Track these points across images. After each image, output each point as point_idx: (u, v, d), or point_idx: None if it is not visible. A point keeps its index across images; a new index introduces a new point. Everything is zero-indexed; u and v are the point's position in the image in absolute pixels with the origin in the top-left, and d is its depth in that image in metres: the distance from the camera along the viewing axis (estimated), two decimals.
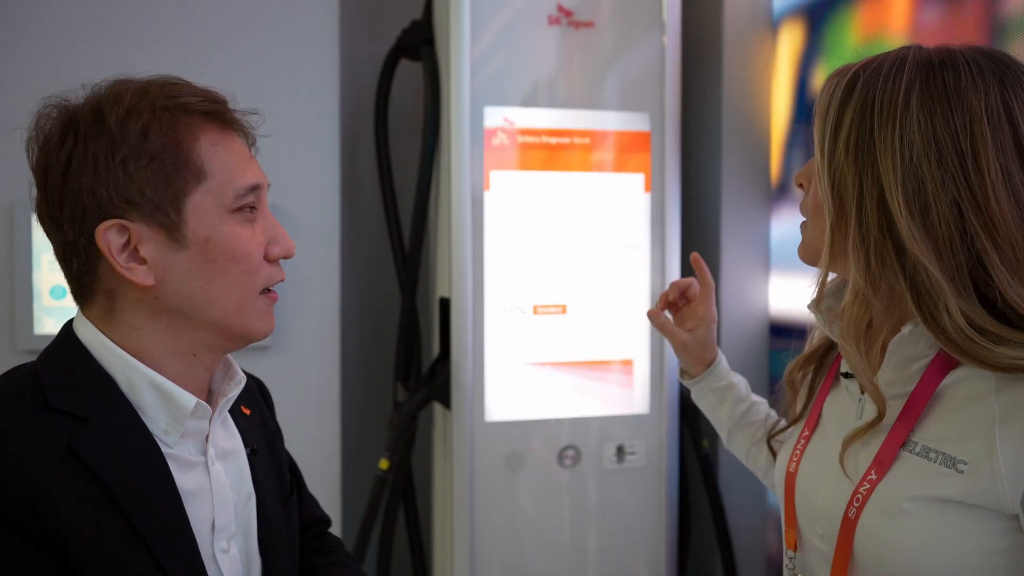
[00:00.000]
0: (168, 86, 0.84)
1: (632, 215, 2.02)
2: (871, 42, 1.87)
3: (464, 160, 1.92)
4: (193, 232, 0.82)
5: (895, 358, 0.87)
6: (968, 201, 0.79)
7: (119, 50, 1.92)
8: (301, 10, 2.03)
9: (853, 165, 0.83)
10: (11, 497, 0.72)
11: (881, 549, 0.84)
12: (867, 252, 0.83)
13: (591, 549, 2.04)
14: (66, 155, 0.80)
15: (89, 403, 0.79)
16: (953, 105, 0.81)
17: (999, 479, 0.77)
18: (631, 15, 1.99)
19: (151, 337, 0.83)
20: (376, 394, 2.39)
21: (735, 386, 1.26)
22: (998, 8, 1.51)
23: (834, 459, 0.92)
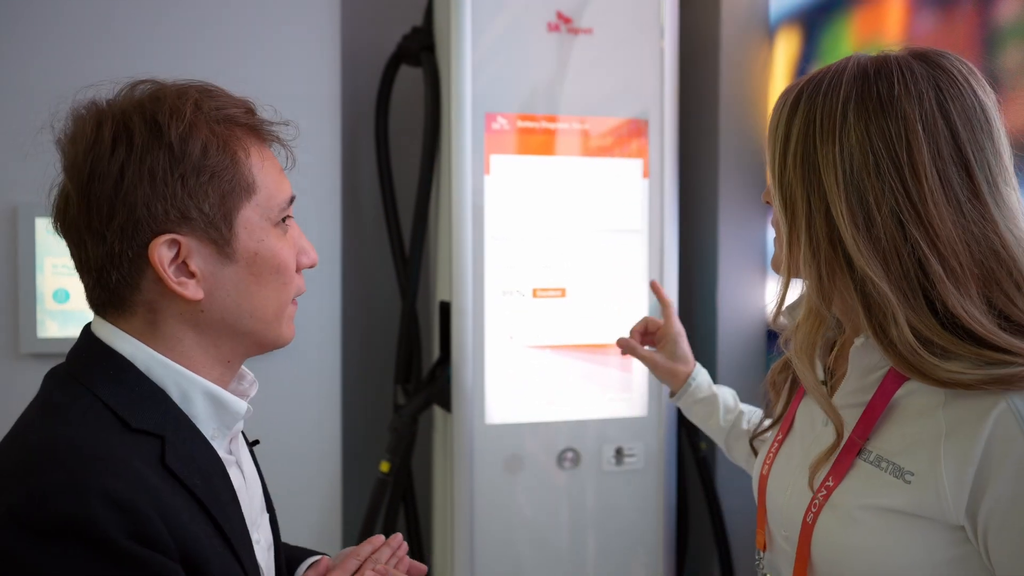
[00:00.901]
0: (213, 97, 0.83)
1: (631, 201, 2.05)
2: (866, 48, 1.89)
3: (465, 161, 1.94)
4: (243, 246, 0.82)
5: (854, 368, 0.90)
6: (908, 211, 0.80)
7: (118, 52, 1.94)
8: (303, 17, 2.04)
9: (800, 182, 0.84)
10: (149, 518, 0.72)
11: (836, 554, 0.86)
12: (818, 267, 0.84)
13: (590, 551, 2.05)
14: (118, 165, 0.78)
15: (158, 419, 0.79)
16: (888, 114, 0.81)
17: (942, 492, 0.78)
18: (629, 22, 2.02)
19: (193, 347, 0.83)
20: (376, 397, 2.40)
21: (719, 396, 1.29)
22: (991, 14, 1.53)
23: (800, 463, 0.94)
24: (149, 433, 0.78)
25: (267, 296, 0.84)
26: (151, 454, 0.76)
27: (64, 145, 0.82)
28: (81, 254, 0.81)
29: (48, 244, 1.92)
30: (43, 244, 1.92)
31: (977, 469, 0.77)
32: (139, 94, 0.83)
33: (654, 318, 1.41)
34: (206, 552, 0.76)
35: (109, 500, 0.70)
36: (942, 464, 0.79)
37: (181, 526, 0.74)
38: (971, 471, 0.77)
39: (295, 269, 0.87)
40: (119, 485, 0.71)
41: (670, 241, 2.07)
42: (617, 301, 2.05)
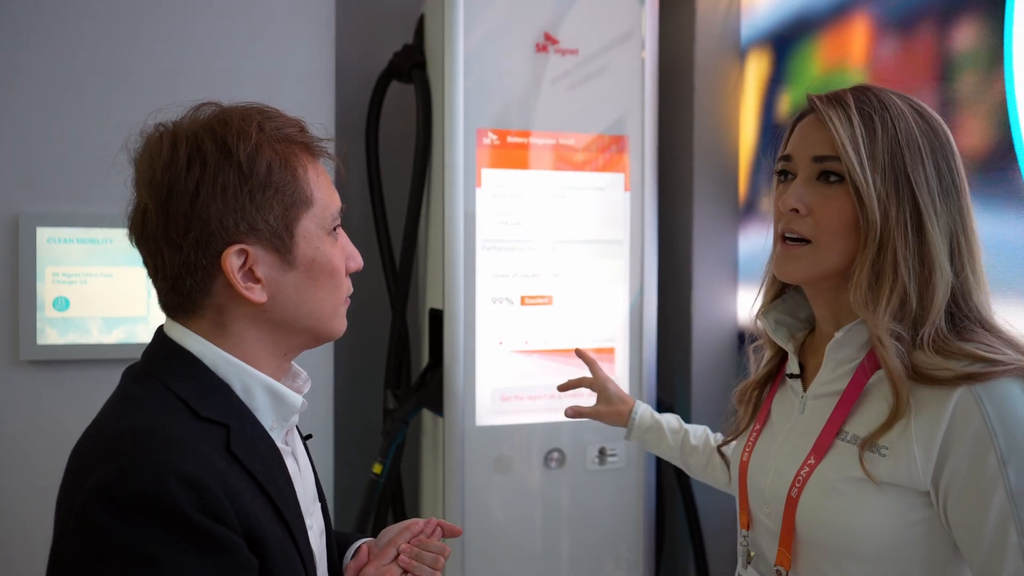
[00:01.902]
0: (272, 118, 0.91)
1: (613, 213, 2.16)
2: (832, 72, 2.03)
3: (458, 174, 2.03)
4: (302, 253, 0.90)
5: (829, 360, 1.02)
6: (959, 224, 0.96)
7: (115, 66, 1.99)
8: (299, 33, 2.12)
9: (894, 192, 0.94)
10: (217, 496, 0.79)
11: (818, 523, 0.98)
12: (907, 266, 0.94)
13: (574, 548, 2.15)
14: (193, 183, 0.85)
15: (224, 410, 0.87)
16: (945, 147, 0.98)
17: (913, 463, 0.91)
18: (612, 43, 2.13)
19: (255, 344, 0.91)
20: (367, 402, 2.47)
21: (663, 422, 1.42)
22: (947, 43, 1.67)
23: (781, 447, 1.07)
24: (216, 422, 0.85)
25: (323, 298, 0.92)
26: (217, 441, 0.84)
27: (139, 164, 0.89)
28: (157, 263, 0.88)
29: (49, 253, 1.96)
30: (44, 253, 1.96)
31: (941, 442, 0.90)
32: (204, 115, 0.90)
33: (587, 377, 1.52)
34: (264, 531, 0.83)
35: (182, 479, 0.78)
36: (913, 438, 0.91)
37: (243, 505, 0.82)
38: (936, 444, 0.90)
39: (345, 273, 0.95)
40: (191, 466, 0.79)
41: (650, 251, 2.18)
42: (601, 308, 2.15)
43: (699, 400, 2.36)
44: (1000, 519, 0.87)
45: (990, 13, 1.54)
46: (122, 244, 1.98)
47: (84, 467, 0.81)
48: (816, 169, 0.99)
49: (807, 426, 1.03)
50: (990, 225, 1.51)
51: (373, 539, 1.11)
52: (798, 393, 1.08)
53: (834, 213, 0.97)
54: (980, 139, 1.57)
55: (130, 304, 2.02)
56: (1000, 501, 0.87)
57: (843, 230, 0.97)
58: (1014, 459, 0.87)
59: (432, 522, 1.10)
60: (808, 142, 1.01)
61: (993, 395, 0.88)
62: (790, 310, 1.12)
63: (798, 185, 1.00)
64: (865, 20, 1.90)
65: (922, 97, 1.70)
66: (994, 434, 0.87)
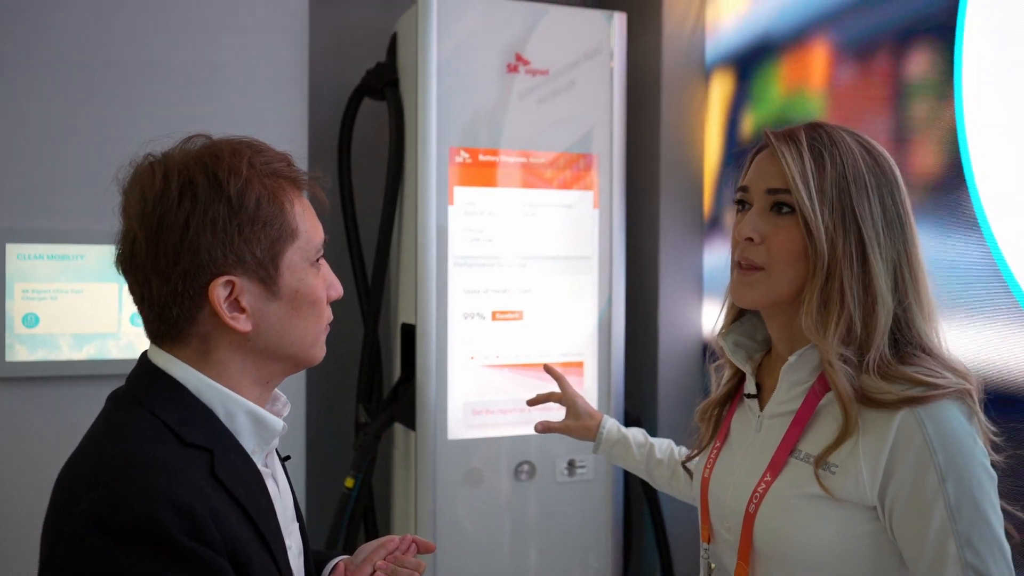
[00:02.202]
0: (261, 152, 0.93)
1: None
2: (793, 94, 2.10)
3: (430, 192, 2.06)
4: (286, 284, 0.93)
5: (784, 382, 1.08)
6: (903, 254, 1.02)
7: (91, 86, 1.99)
8: (272, 50, 2.13)
9: (840, 226, 1.00)
10: (204, 520, 0.81)
11: (774, 536, 1.03)
12: (852, 296, 1.00)
13: (543, 559, 2.18)
14: (184, 216, 0.87)
15: (208, 435, 0.89)
16: (891, 182, 1.04)
17: (861, 479, 0.97)
18: (581, 65, 2.18)
19: (239, 372, 0.93)
20: (339, 416, 2.49)
21: (630, 436, 1.46)
22: (901, 71, 1.74)
23: (740, 464, 1.12)
24: (200, 447, 0.88)
25: (305, 327, 0.95)
26: (202, 466, 0.87)
27: (129, 194, 0.91)
28: (144, 291, 0.90)
29: (18, 269, 1.95)
30: (13, 269, 1.95)
31: (886, 460, 0.96)
32: (193, 147, 0.92)
33: (556, 392, 1.54)
34: (248, 553, 0.86)
35: (172, 504, 0.80)
36: (860, 457, 0.97)
37: (229, 529, 0.84)
38: (882, 462, 0.96)
39: (326, 302, 0.98)
40: (180, 491, 0.81)
41: (618, 266, 2.23)
42: (570, 323, 2.20)
43: (665, 412, 2.41)
44: (940, 532, 0.93)
45: (942, 42, 1.61)
46: (93, 260, 2.00)
47: (74, 492, 0.83)
48: (769, 201, 1.05)
49: (764, 444, 1.09)
50: (942, 246, 1.58)
51: (350, 556, 1.13)
52: (755, 412, 1.13)
53: (785, 242, 1.03)
54: (932, 164, 1.64)
55: (101, 320, 2.02)
56: (940, 515, 0.93)
57: (793, 258, 1.03)
58: (952, 476, 0.93)
59: (407, 538, 1.13)
60: (763, 175, 1.06)
61: (933, 416, 0.95)
62: (748, 332, 1.18)
63: (753, 215, 1.06)
64: (825, 45, 1.97)
65: (877, 122, 1.78)
66: (934, 452, 0.93)
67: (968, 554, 0.92)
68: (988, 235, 1.49)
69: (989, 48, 1.52)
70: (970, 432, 0.96)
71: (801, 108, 2.05)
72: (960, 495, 0.93)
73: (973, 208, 1.52)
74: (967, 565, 0.92)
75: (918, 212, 1.62)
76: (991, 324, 1.48)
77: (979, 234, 1.51)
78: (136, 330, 2.03)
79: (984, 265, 1.49)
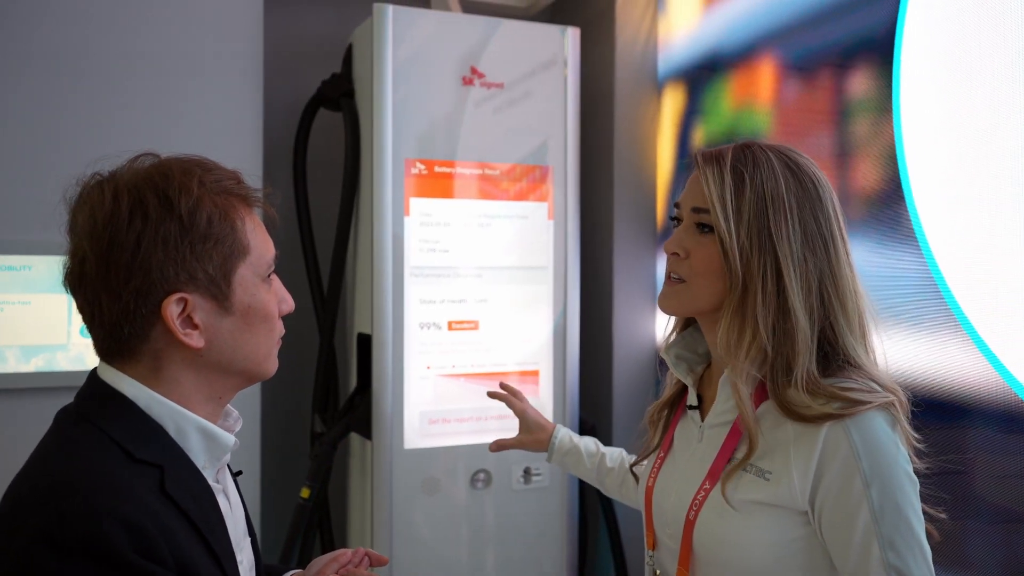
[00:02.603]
0: (210, 171, 0.94)
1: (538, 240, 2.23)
2: (742, 108, 2.15)
3: (386, 204, 2.08)
4: (239, 300, 0.93)
5: (723, 393, 1.12)
6: (828, 275, 1.05)
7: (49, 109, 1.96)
8: (227, 59, 2.13)
9: (756, 246, 1.04)
10: (153, 537, 0.81)
11: (712, 542, 1.08)
12: (765, 313, 1.04)
13: (500, 565, 2.20)
14: (135, 235, 0.87)
15: (158, 452, 0.89)
16: (816, 203, 1.07)
17: (793, 485, 1.01)
18: (536, 78, 2.21)
19: (191, 388, 0.93)
20: (294, 426, 2.48)
21: (581, 446, 1.50)
22: (844, 88, 1.80)
23: (682, 474, 1.16)
24: (150, 463, 0.88)
25: (258, 342, 0.96)
26: (152, 482, 0.87)
27: (78, 214, 0.91)
28: (95, 310, 0.90)
29: None
30: None
31: (816, 467, 1.00)
32: (142, 166, 0.93)
33: (511, 398, 1.57)
34: (198, 568, 0.86)
35: (120, 522, 0.80)
36: (792, 464, 1.02)
37: (178, 545, 0.84)
38: (812, 468, 1.01)
39: (278, 316, 0.99)
40: (128, 509, 0.82)
41: (573, 277, 2.27)
42: (525, 332, 2.22)
43: (620, 418, 2.45)
44: (865, 535, 0.98)
45: (882, 60, 1.68)
46: (41, 271, 1.96)
47: (20, 512, 0.82)
48: (694, 219, 1.09)
49: (704, 453, 1.13)
50: (882, 259, 1.64)
51: (302, 571, 1.14)
52: (697, 423, 1.18)
53: (704, 258, 1.07)
54: (872, 179, 1.70)
55: (49, 332, 1.99)
56: (865, 519, 0.98)
57: (711, 274, 1.07)
58: (876, 481, 0.98)
59: (360, 552, 1.14)
60: (690, 194, 1.11)
61: (859, 425, 0.99)
62: (690, 346, 1.22)
63: (680, 231, 1.12)
64: (771, 62, 2.03)
65: (821, 138, 1.84)
66: (859, 459, 0.98)
67: (891, 556, 0.97)
68: (925, 248, 1.56)
69: (925, 67, 1.59)
70: (894, 440, 1.00)
71: (749, 123, 2.11)
72: (883, 500, 0.97)
73: (911, 222, 1.59)
74: (890, 567, 0.97)
75: (859, 226, 1.70)
76: (928, 334, 1.54)
77: (917, 247, 1.57)
78: (86, 341, 2.00)
79: (922, 277, 1.55)
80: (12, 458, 0.96)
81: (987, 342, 1.44)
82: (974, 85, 1.48)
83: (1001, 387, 1.41)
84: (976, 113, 1.48)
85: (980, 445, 1.46)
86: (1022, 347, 1.38)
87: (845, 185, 1.77)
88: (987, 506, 1.47)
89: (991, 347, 1.43)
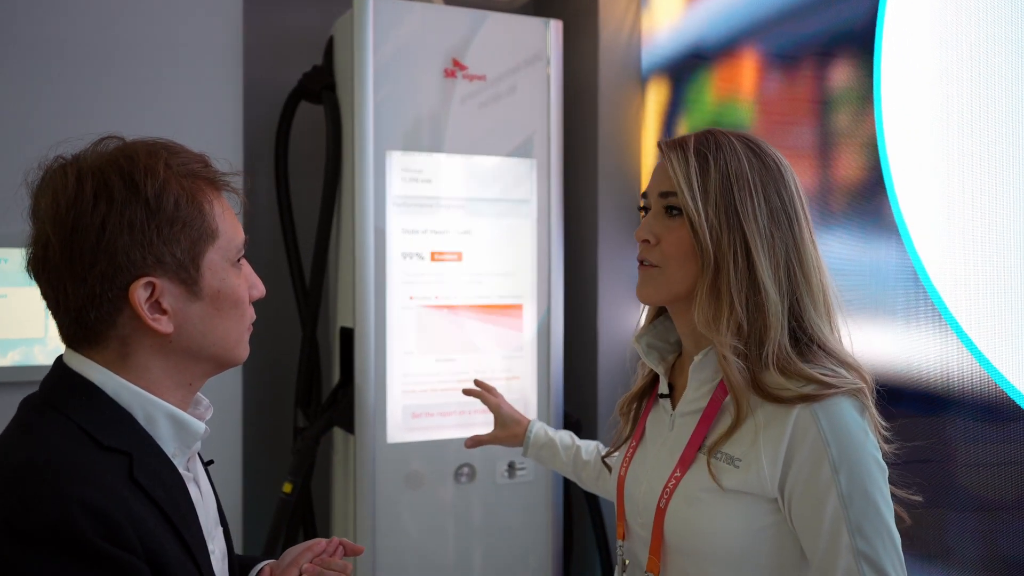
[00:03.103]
0: (177, 153, 0.92)
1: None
2: (724, 102, 2.15)
3: (368, 197, 2.06)
4: (208, 285, 0.92)
5: (693, 380, 1.13)
6: (792, 251, 1.07)
7: (25, 97, 1.94)
8: (207, 51, 2.10)
9: (725, 225, 1.06)
10: (120, 524, 0.80)
11: (683, 530, 1.08)
12: (738, 291, 1.05)
13: (485, 560, 2.20)
14: (100, 218, 0.86)
15: (126, 439, 0.88)
16: (779, 181, 1.09)
17: (762, 472, 1.02)
18: (519, 70, 2.20)
19: (160, 374, 0.92)
20: (276, 420, 2.46)
21: (557, 440, 1.50)
22: (825, 80, 1.80)
23: (654, 463, 1.16)
24: (118, 451, 0.86)
25: (228, 327, 0.95)
26: (120, 469, 0.85)
27: (40, 198, 0.89)
28: (59, 296, 0.88)
29: None
30: None
31: (784, 453, 1.01)
32: (106, 149, 0.91)
33: (485, 393, 1.57)
34: (168, 556, 0.85)
35: (85, 508, 0.79)
36: (761, 451, 1.02)
37: (147, 532, 0.83)
38: (781, 455, 1.01)
39: (248, 301, 0.98)
40: (93, 494, 0.80)
41: (556, 273, 2.26)
42: (508, 328, 2.22)
43: (605, 414, 2.45)
44: (834, 520, 0.98)
45: (863, 53, 1.68)
46: (16, 264, 1.94)
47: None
48: (662, 204, 1.11)
49: (676, 442, 1.13)
50: (863, 251, 1.65)
51: (275, 560, 1.13)
52: (668, 411, 1.18)
53: (676, 242, 1.08)
54: (854, 170, 1.71)
55: (26, 325, 1.96)
56: (833, 504, 0.98)
57: (684, 256, 1.08)
58: (844, 467, 0.98)
59: (334, 541, 1.12)
60: (656, 181, 1.13)
61: (828, 411, 1.00)
62: (661, 335, 1.23)
63: (649, 218, 1.12)
64: (753, 55, 2.03)
65: (803, 130, 1.84)
66: (828, 446, 0.99)
67: (859, 541, 0.97)
68: (907, 240, 1.56)
69: (905, 59, 1.59)
70: (862, 426, 1.01)
71: (732, 116, 2.11)
72: (852, 486, 0.98)
73: (892, 213, 1.59)
74: (858, 552, 0.97)
75: (841, 218, 1.70)
76: (909, 325, 1.55)
77: (898, 239, 1.57)
78: None
79: (903, 268, 1.56)
80: None
81: (969, 333, 1.44)
82: (956, 76, 1.49)
83: (982, 378, 1.42)
84: (958, 104, 1.48)
85: (962, 436, 1.47)
86: (1003, 338, 1.39)
87: (827, 176, 1.77)
88: (968, 496, 1.47)
89: (972, 338, 1.44)
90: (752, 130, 2.01)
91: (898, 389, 1.53)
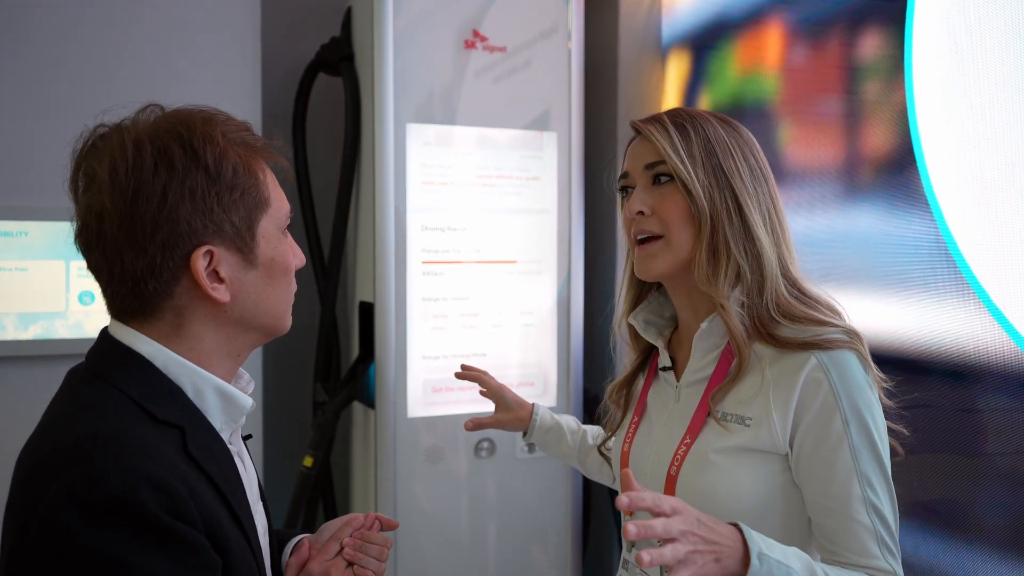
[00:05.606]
0: (227, 122, 0.92)
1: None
2: (748, 74, 2.12)
3: (388, 170, 2.05)
4: (262, 253, 0.92)
5: (697, 350, 1.13)
6: (770, 206, 1.12)
7: (39, 62, 1.93)
8: (224, 24, 2.09)
9: (716, 185, 1.09)
10: (184, 498, 0.80)
11: (694, 494, 1.08)
12: (737, 246, 1.09)
13: (503, 534, 2.20)
14: (161, 186, 0.85)
15: (178, 413, 0.87)
16: (750, 144, 1.15)
17: (774, 428, 1.04)
18: (539, 42, 2.17)
19: (211, 345, 0.91)
20: (296, 394, 2.46)
21: (562, 424, 1.49)
22: (854, 51, 1.77)
23: (660, 434, 1.17)
24: (171, 424, 0.86)
25: (279, 295, 0.95)
26: (175, 443, 0.85)
27: (94, 167, 0.87)
28: (114, 267, 0.87)
29: None
30: None
31: (795, 408, 1.03)
32: (155, 117, 0.89)
33: (485, 375, 1.55)
34: (225, 530, 0.85)
35: (151, 482, 0.79)
36: (772, 407, 1.04)
37: (205, 506, 0.83)
38: (791, 409, 1.03)
39: (293, 270, 0.98)
40: (158, 469, 0.80)
41: (576, 248, 2.25)
42: (529, 297, 2.21)
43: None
44: (846, 472, 1.01)
45: (893, 23, 1.64)
46: (37, 237, 1.93)
47: (43, 473, 0.80)
48: (649, 176, 1.13)
49: (683, 412, 1.14)
50: (893, 223, 1.62)
51: (312, 535, 1.13)
52: (672, 384, 1.18)
53: (672, 207, 1.10)
54: (883, 143, 1.68)
55: (48, 299, 1.97)
56: (845, 456, 1.01)
57: (682, 220, 1.10)
58: (854, 420, 1.02)
59: (371, 516, 1.12)
60: (638, 156, 1.14)
61: (837, 364, 1.03)
62: (655, 311, 1.24)
63: (638, 192, 1.13)
64: (779, 26, 1.99)
65: (830, 102, 1.81)
66: (839, 398, 1.02)
67: (868, 492, 1.01)
68: (937, 213, 1.54)
69: (938, 30, 1.56)
70: (868, 380, 1.05)
71: (755, 88, 2.07)
72: (860, 438, 1.01)
73: (923, 186, 1.56)
74: (868, 502, 1.00)
75: (870, 191, 1.67)
76: (938, 298, 1.53)
77: (928, 212, 1.55)
78: (84, 309, 1.98)
79: (932, 241, 1.54)
80: (12, 426, 0.93)
81: (1000, 307, 1.42)
82: (989, 46, 1.45)
83: (1014, 351, 1.40)
84: (990, 75, 1.45)
85: (992, 409, 1.45)
86: None
87: (856, 148, 1.74)
88: (998, 469, 1.46)
89: (1004, 311, 1.42)
90: (778, 102, 1.98)
91: (928, 362, 1.51)
